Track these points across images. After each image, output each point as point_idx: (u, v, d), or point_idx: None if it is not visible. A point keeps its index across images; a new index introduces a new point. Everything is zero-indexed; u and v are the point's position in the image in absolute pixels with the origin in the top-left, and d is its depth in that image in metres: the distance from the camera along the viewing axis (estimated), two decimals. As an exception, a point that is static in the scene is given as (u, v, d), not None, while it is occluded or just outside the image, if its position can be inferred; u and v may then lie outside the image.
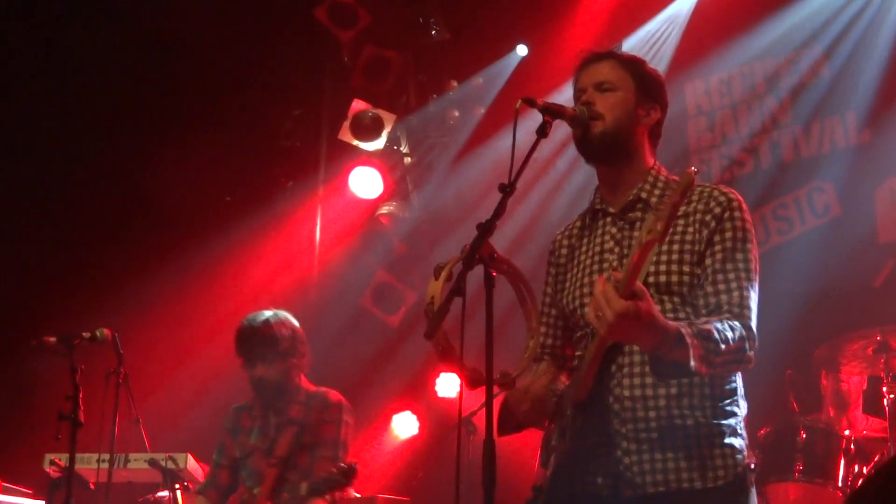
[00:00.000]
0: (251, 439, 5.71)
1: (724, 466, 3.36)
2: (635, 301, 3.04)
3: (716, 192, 3.50)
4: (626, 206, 3.57)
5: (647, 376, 3.37)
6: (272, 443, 5.63)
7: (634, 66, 3.66)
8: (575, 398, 3.38)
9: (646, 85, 3.63)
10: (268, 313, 5.68)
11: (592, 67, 3.64)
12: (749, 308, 3.37)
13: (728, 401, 3.43)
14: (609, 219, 3.61)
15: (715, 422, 3.38)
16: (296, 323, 5.76)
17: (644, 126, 3.61)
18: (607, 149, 3.55)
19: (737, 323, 3.31)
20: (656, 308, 3.13)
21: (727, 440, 3.38)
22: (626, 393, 3.39)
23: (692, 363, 3.17)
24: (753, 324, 3.37)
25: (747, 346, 3.33)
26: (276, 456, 5.59)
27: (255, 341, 5.55)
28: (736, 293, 3.37)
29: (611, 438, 3.39)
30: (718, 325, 3.27)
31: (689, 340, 3.15)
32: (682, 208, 3.44)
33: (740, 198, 3.52)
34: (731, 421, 3.42)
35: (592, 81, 3.60)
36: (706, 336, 3.21)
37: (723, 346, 3.23)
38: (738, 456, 3.39)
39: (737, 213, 3.46)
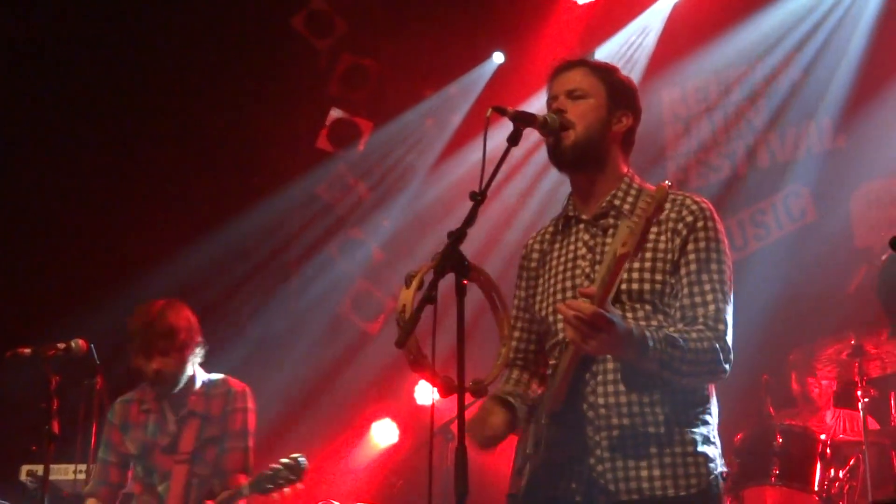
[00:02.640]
0: (147, 434, 5.50)
1: (697, 475, 3.37)
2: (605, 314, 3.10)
3: (688, 201, 3.51)
4: (599, 213, 3.57)
5: (621, 384, 3.38)
6: (174, 437, 5.44)
7: (606, 73, 3.67)
8: (549, 408, 3.39)
9: (618, 92, 3.64)
10: (162, 303, 5.49)
11: (564, 75, 3.66)
12: (724, 321, 3.38)
13: (700, 409, 3.45)
14: (582, 225, 3.61)
15: (688, 430, 3.39)
16: (190, 312, 5.57)
17: (616, 133, 3.62)
18: (579, 157, 3.56)
19: (710, 334, 3.34)
20: (622, 322, 3.18)
21: (700, 448, 3.39)
22: (601, 401, 3.40)
23: (652, 366, 3.22)
24: (728, 336, 3.39)
25: (720, 357, 3.34)
26: (182, 451, 5.41)
27: (153, 334, 5.35)
28: (711, 306, 3.38)
29: (585, 446, 3.39)
30: (686, 334, 3.30)
31: (650, 343, 3.20)
32: None
33: (712, 207, 3.53)
34: (704, 429, 3.43)
35: (564, 89, 3.62)
36: (671, 342, 3.24)
37: (689, 355, 3.27)
38: (711, 464, 3.40)
39: (710, 223, 3.47)
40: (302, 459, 5.14)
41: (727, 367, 3.38)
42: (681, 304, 3.41)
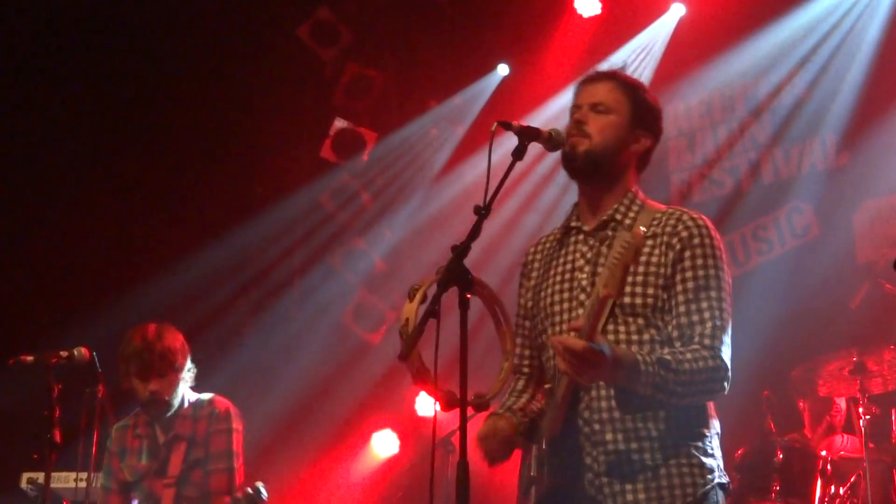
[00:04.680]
0: (142, 460, 5.50)
1: (693, 485, 3.37)
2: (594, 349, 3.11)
3: (684, 216, 3.50)
4: (600, 226, 3.58)
5: (615, 399, 3.39)
6: (163, 462, 5.44)
7: (634, 90, 3.66)
8: (549, 434, 3.41)
9: (641, 112, 3.63)
10: (157, 326, 5.51)
11: (592, 86, 3.65)
12: (720, 339, 3.38)
13: (697, 421, 3.45)
14: (581, 236, 3.62)
15: (683, 443, 3.40)
16: (181, 334, 5.58)
17: (632, 152, 3.62)
18: (590, 167, 3.56)
19: (706, 353, 3.33)
20: (613, 351, 3.18)
21: (696, 459, 3.40)
22: (595, 416, 3.41)
23: (646, 390, 3.23)
24: (725, 354, 3.37)
25: (716, 376, 3.34)
26: (170, 475, 5.40)
27: (152, 356, 5.35)
28: (708, 324, 3.37)
29: (583, 465, 3.41)
30: (681, 355, 3.30)
31: (642, 367, 3.21)
32: (651, 230, 3.46)
33: (710, 223, 3.52)
34: (701, 441, 3.43)
35: (589, 101, 3.61)
36: (664, 364, 3.25)
37: (683, 377, 3.27)
38: (709, 475, 3.40)
39: (706, 239, 3.46)
40: (263, 491, 5.20)
41: (725, 385, 3.38)
42: (678, 321, 3.41)
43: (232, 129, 9.50)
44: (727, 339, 3.40)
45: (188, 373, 5.50)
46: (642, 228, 3.10)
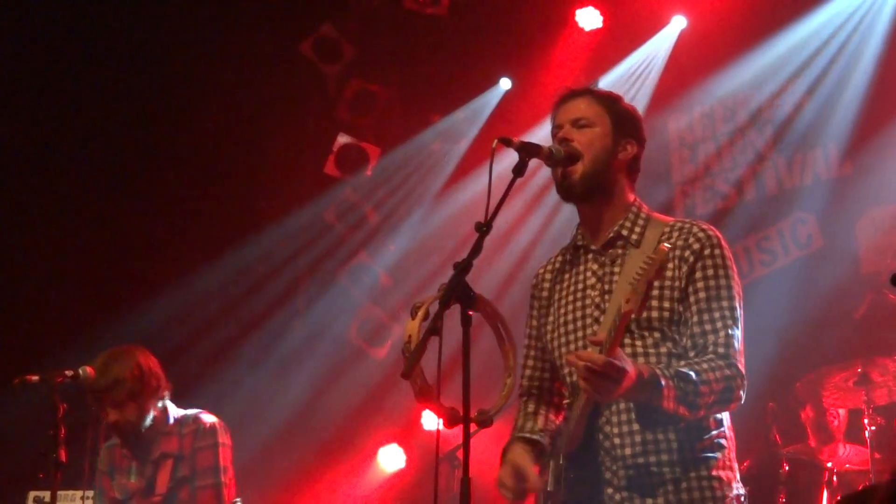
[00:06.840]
0: (131, 479, 5.47)
1: (714, 499, 3.38)
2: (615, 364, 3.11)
3: (695, 229, 3.53)
4: (607, 243, 3.60)
5: (634, 412, 3.40)
6: (150, 480, 5.40)
7: (611, 102, 3.69)
8: (566, 449, 3.43)
9: (622, 120, 3.67)
10: (107, 356, 5.42)
11: (569, 104, 3.69)
12: (734, 347, 3.39)
13: (715, 433, 3.46)
14: (590, 255, 3.64)
15: (702, 455, 3.41)
16: (141, 358, 5.45)
17: (621, 161, 3.65)
18: (587, 189, 3.59)
19: (722, 363, 3.34)
20: (633, 367, 3.18)
21: (714, 472, 3.41)
22: (615, 430, 3.43)
23: (668, 404, 3.22)
24: (740, 362, 3.39)
25: (732, 384, 3.35)
26: (157, 494, 5.37)
27: (99, 389, 5.30)
28: (722, 333, 3.39)
29: (602, 480, 3.42)
30: (698, 367, 3.31)
31: (664, 382, 3.21)
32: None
33: (719, 234, 3.56)
34: (719, 453, 3.45)
35: (569, 118, 3.64)
36: (683, 377, 3.26)
37: (702, 388, 3.28)
38: (726, 488, 3.42)
39: (717, 250, 3.49)
40: None
41: (742, 393, 3.40)
42: (691, 331, 3.43)
43: (235, 144, 9.52)
44: (740, 346, 3.42)
45: (156, 393, 5.42)
46: (667, 245, 3.13)
